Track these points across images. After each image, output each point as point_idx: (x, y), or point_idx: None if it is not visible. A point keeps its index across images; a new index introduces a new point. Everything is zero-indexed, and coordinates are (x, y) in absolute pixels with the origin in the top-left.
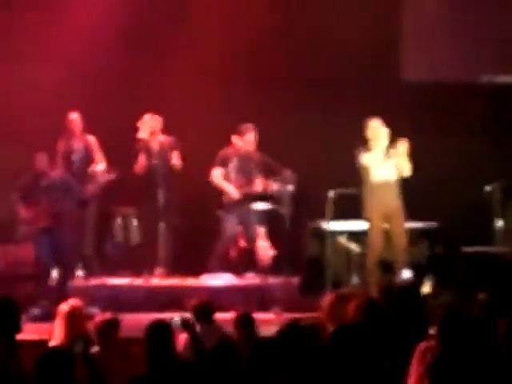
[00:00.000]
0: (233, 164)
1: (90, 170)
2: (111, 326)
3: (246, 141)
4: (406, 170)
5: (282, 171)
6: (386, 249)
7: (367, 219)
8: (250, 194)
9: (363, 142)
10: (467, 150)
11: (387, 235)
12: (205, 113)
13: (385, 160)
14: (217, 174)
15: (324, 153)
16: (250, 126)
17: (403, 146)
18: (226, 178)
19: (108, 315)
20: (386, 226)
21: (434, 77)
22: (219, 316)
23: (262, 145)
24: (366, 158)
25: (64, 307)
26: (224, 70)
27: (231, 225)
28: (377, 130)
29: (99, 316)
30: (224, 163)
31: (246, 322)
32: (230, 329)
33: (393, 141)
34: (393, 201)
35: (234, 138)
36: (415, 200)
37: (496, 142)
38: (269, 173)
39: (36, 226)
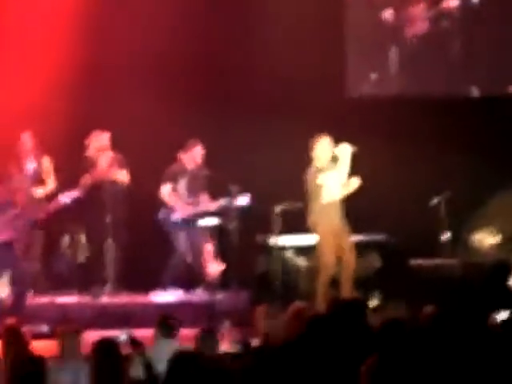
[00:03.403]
0: (182, 181)
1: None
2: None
3: (192, 156)
4: (354, 182)
5: (228, 186)
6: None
7: (318, 237)
8: (199, 212)
9: (310, 160)
10: (414, 162)
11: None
12: (149, 128)
13: (337, 177)
14: (166, 191)
15: (270, 168)
16: (195, 141)
17: (346, 150)
18: (175, 194)
19: (70, 326)
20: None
21: (378, 92)
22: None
23: (207, 160)
24: (321, 178)
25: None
26: (167, 86)
27: (182, 241)
28: (326, 149)
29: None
30: (173, 180)
31: (207, 337)
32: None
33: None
34: (339, 219)
35: (182, 155)
36: (362, 213)
37: (443, 154)
38: (215, 188)
39: None
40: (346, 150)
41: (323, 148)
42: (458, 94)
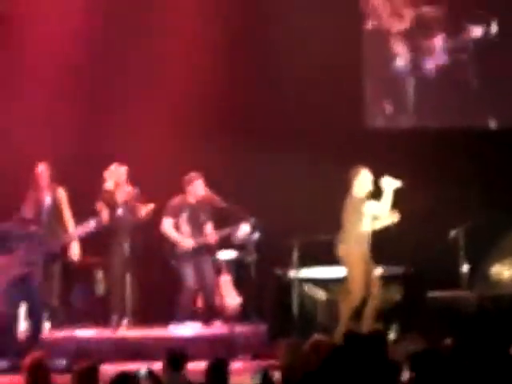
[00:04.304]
0: (184, 214)
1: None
2: (90, 373)
3: (194, 189)
4: (394, 216)
5: (244, 216)
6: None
7: (351, 266)
8: (204, 244)
9: (345, 189)
10: (432, 194)
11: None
12: (165, 163)
13: (376, 208)
14: (168, 225)
15: (288, 200)
16: (195, 174)
17: (392, 184)
18: (177, 228)
19: (86, 362)
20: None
21: (396, 123)
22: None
23: (225, 191)
24: (362, 208)
25: (27, 360)
26: (181, 118)
27: (188, 275)
28: (367, 179)
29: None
30: (175, 213)
31: (219, 369)
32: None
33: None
34: (369, 251)
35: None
36: (381, 245)
37: (461, 186)
38: (229, 219)
39: (8, 274)
40: (391, 184)
41: (365, 178)
42: (476, 126)
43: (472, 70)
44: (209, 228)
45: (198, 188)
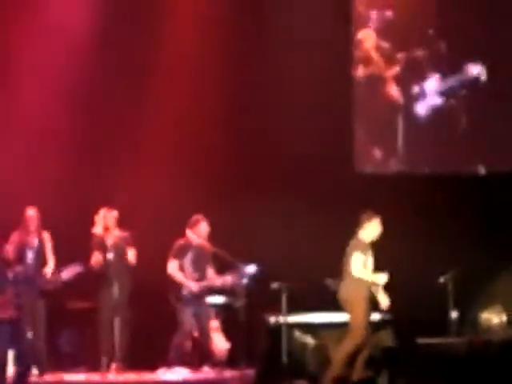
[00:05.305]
0: (188, 256)
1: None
2: None
3: (198, 232)
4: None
5: (235, 264)
6: None
7: (357, 308)
8: (209, 287)
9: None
10: (422, 240)
11: None
12: (155, 205)
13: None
14: (173, 267)
15: (277, 245)
16: (200, 216)
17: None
18: (182, 270)
19: None
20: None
21: (385, 168)
22: None
23: (214, 235)
24: (365, 254)
25: None
26: (174, 162)
27: (188, 318)
28: (376, 228)
29: None
30: (180, 255)
31: None
32: None
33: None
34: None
35: (188, 231)
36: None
37: (450, 232)
38: (223, 265)
39: None
40: (382, 279)
41: (375, 227)
42: (465, 171)
43: (461, 115)
44: (210, 271)
45: (201, 230)
